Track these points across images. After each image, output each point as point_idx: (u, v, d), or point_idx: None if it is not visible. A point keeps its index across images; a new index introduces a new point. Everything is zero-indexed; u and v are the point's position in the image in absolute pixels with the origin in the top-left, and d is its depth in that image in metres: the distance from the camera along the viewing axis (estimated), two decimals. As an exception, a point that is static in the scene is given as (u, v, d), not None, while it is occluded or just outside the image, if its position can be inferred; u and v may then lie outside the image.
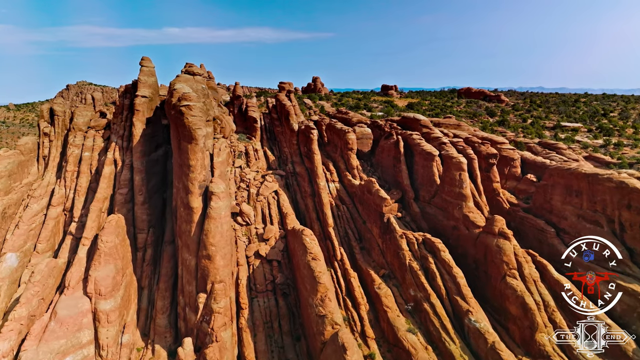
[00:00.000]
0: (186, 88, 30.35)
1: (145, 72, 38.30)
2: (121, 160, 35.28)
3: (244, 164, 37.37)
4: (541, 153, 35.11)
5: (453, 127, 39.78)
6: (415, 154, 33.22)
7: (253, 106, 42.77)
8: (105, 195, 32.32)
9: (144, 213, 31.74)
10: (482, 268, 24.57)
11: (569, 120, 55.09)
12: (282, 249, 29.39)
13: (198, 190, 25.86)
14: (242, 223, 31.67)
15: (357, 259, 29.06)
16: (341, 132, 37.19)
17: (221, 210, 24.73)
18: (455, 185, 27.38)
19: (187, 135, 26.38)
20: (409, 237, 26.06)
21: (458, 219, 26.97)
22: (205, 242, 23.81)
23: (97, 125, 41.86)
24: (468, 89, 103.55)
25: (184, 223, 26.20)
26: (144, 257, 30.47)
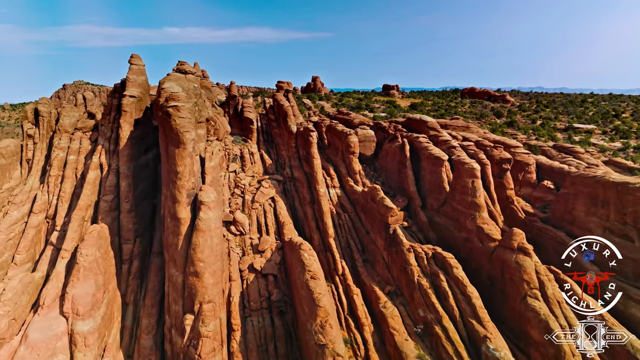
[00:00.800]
0: (175, 87, 28.08)
1: (135, 70, 36.08)
2: (107, 164, 33.05)
3: (238, 168, 35.12)
4: (556, 157, 32.79)
5: (461, 129, 37.49)
6: (422, 158, 30.93)
7: (249, 107, 40.52)
8: (88, 203, 30.07)
9: (130, 222, 29.50)
10: (498, 286, 22.28)
11: (580, 122, 52.76)
12: (278, 261, 27.11)
13: (186, 199, 23.59)
14: (235, 233, 29.41)
15: (359, 273, 26.79)
16: (342, 134, 34.93)
17: (211, 222, 22.46)
18: (468, 194, 25.09)
19: (174, 138, 24.11)
20: (417, 251, 23.77)
21: (471, 230, 24.68)
22: (193, 258, 21.54)
23: (84, 127, 39.66)
24: (472, 89, 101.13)
25: (171, 235, 23.93)
26: (130, 270, 28.22)
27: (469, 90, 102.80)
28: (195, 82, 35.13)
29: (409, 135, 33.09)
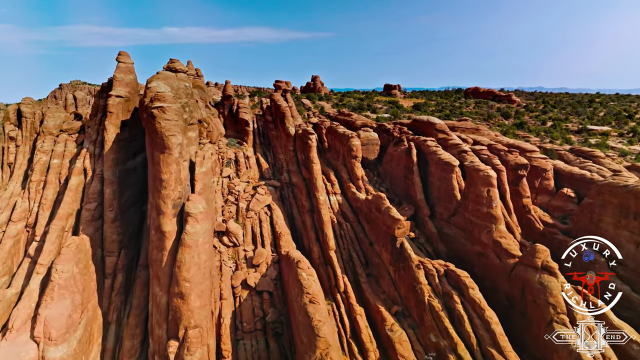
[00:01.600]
0: (162, 86, 25.85)
1: (122, 68, 33.85)
2: (92, 169, 30.83)
3: (233, 173, 32.86)
4: (574, 162, 30.49)
5: (470, 132, 35.19)
6: (431, 163, 28.64)
7: (245, 107, 38.25)
8: (69, 212, 27.84)
9: (114, 232, 27.26)
10: (518, 308, 20.00)
11: (593, 123, 50.42)
12: (274, 277, 24.85)
13: (171, 210, 21.34)
14: (228, 244, 27.15)
15: (363, 289, 24.52)
16: (344, 137, 32.65)
17: (199, 236, 20.20)
18: (483, 204, 22.80)
19: (158, 143, 21.87)
20: (427, 268, 21.48)
21: (486, 244, 22.39)
22: (178, 277, 19.28)
23: (70, 129, 37.43)
24: (476, 89, 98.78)
25: (155, 249, 21.69)
26: (113, 285, 25.98)
27: (472, 90, 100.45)
28: (187, 81, 32.90)
29: (415, 139, 30.80)
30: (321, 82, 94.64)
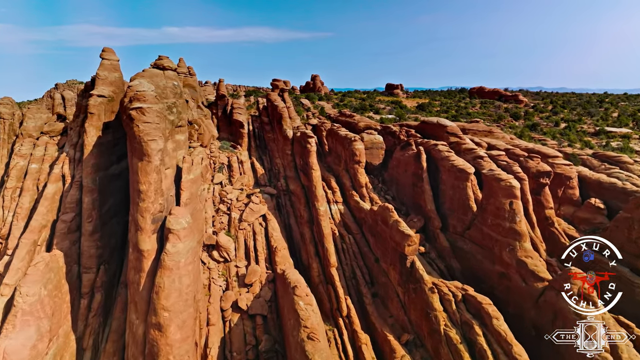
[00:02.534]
0: (145, 85, 23.26)
1: (107, 66, 31.22)
2: (71, 175, 28.24)
3: (225, 179, 30.25)
4: (599, 168, 27.83)
5: (483, 134, 32.55)
6: (442, 170, 25.99)
7: (240, 108, 35.64)
8: (43, 223, 25.26)
9: (93, 246, 24.65)
10: (548, 341, 17.35)
11: (608, 124, 47.70)
12: (269, 298, 22.23)
13: (150, 225, 18.75)
14: (219, 259, 24.55)
15: (368, 312, 21.89)
16: (346, 140, 30.00)
17: (180, 257, 17.60)
18: (504, 218, 20.14)
19: (137, 148, 19.32)
20: (442, 292, 18.84)
21: (509, 264, 19.74)
22: (156, 305, 16.68)
23: (51, 131, 34.90)
24: (481, 88, 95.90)
25: (133, 270, 19.12)
26: (90, 306, 23.39)
27: (477, 89, 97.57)
28: (176, 80, 30.26)
29: (425, 142, 28.14)
30: (321, 81, 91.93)
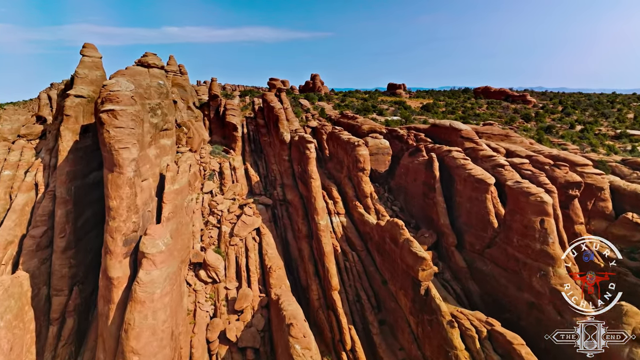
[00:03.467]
0: (122, 84, 20.48)
1: (87, 63, 28.54)
2: (44, 184, 25.58)
3: (216, 188, 27.53)
4: (630, 177, 25.06)
5: (499, 138, 29.77)
6: (457, 180, 23.23)
7: (233, 109, 32.93)
8: (9, 239, 22.59)
9: (65, 265, 21.97)
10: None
11: (627, 126, 44.86)
12: (261, 327, 19.49)
13: (122, 248, 16.05)
14: (206, 280, 21.82)
15: (375, 344, 19.14)
16: (349, 145, 27.26)
17: (155, 288, 14.87)
18: (535, 238, 17.35)
19: (107, 157, 16.69)
20: (464, 326, 16.07)
21: (540, 293, 16.96)
22: (124, 346, 13.95)
23: (29, 134, 32.25)
24: (486, 88, 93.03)
25: (102, 300, 16.43)
26: (60, 334, 20.67)
27: (483, 89, 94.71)
28: (162, 79, 27.55)
29: (437, 148, 25.39)
30: (321, 81, 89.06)
